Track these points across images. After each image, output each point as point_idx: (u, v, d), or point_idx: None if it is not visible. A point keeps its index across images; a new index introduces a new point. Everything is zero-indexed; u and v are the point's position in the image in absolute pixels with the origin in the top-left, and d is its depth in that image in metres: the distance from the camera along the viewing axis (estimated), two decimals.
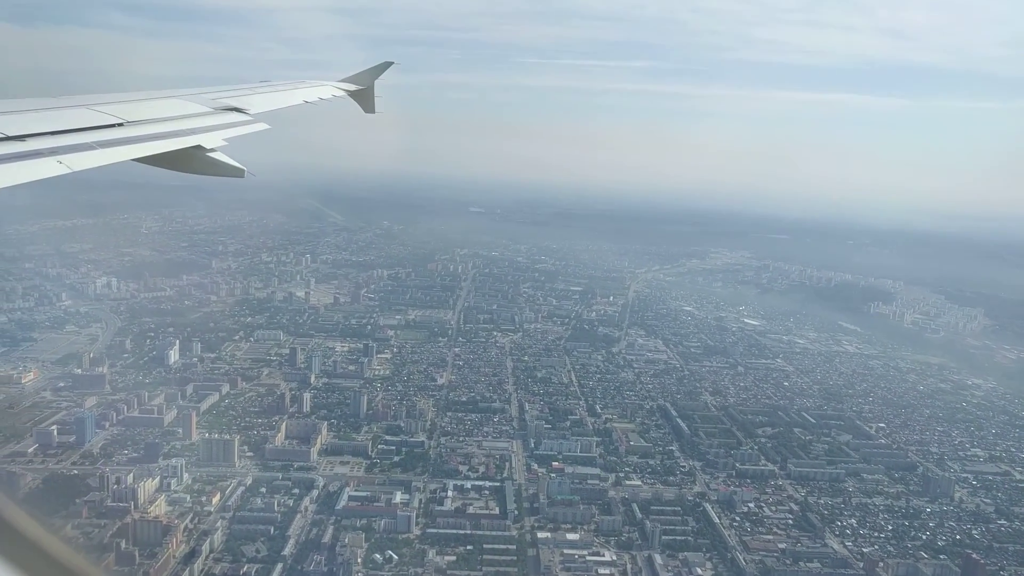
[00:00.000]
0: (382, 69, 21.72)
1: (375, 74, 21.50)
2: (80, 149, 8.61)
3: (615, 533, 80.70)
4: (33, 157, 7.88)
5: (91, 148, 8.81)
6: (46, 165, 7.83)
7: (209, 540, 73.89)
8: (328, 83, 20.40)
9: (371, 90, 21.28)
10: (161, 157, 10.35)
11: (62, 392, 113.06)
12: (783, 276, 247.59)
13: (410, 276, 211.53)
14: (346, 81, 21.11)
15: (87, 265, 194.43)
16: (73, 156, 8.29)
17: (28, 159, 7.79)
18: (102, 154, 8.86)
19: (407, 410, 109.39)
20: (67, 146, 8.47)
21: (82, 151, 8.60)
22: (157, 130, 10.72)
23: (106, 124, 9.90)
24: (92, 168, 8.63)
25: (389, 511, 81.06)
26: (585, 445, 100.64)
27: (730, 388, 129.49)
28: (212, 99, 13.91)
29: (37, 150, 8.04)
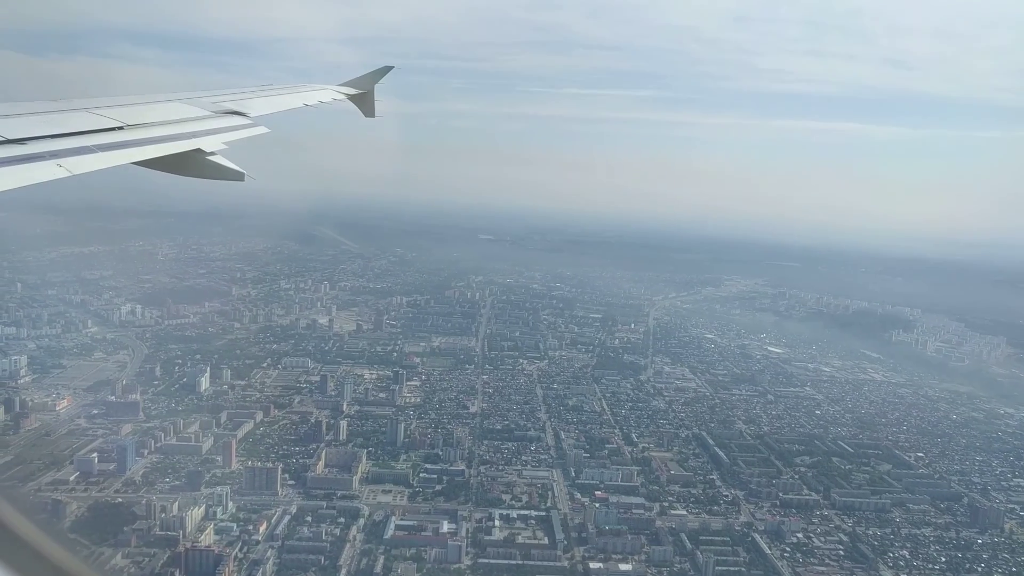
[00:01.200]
0: (382, 73, 21.69)
1: (375, 78, 21.45)
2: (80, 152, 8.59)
3: (666, 564, 79.85)
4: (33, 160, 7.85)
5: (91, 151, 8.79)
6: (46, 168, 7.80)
7: (262, 570, 73.14)
8: (328, 87, 20.35)
9: (371, 94, 21.23)
10: (161, 160, 10.32)
11: (96, 419, 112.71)
12: (800, 304, 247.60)
13: (429, 303, 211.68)
14: (346, 85, 21.03)
15: (109, 292, 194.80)
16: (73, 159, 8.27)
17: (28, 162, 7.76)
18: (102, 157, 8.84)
19: (444, 438, 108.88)
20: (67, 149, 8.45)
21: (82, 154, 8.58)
22: (157, 133, 10.69)
23: (106, 128, 9.84)
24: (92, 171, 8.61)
25: (438, 541, 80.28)
26: (626, 474, 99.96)
27: (762, 416, 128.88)
28: (212, 103, 13.87)
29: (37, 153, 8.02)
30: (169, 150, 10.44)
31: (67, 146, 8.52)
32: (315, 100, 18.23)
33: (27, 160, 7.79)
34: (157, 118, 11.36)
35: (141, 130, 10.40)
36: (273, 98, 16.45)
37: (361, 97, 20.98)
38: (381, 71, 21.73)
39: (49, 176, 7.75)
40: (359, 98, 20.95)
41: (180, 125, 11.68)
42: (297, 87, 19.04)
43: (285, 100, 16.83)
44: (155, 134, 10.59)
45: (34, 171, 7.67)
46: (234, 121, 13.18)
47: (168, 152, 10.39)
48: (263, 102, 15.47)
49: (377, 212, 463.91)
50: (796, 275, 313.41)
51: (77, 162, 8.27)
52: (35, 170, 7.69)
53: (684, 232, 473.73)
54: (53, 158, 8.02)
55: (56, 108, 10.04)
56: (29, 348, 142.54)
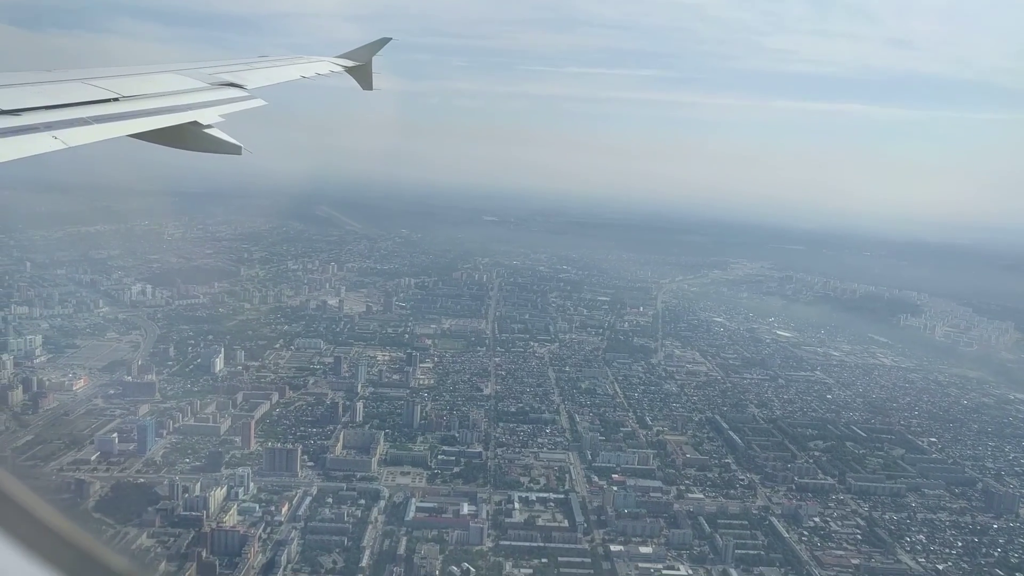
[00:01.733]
0: (380, 45, 21.38)
1: (372, 50, 21.13)
2: (76, 124, 8.42)
3: (686, 547, 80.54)
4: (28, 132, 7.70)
5: (87, 123, 8.62)
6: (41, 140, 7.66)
7: (286, 551, 73.76)
8: (325, 59, 20.04)
9: (368, 66, 20.92)
10: (157, 133, 10.15)
11: (113, 399, 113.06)
12: (807, 287, 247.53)
13: (437, 285, 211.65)
14: (343, 57, 20.72)
15: (118, 272, 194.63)
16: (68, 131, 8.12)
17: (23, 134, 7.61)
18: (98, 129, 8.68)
19: (460, 420, 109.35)
20: (62, 121, 8.28)
21: (77, 126, 8.41)
22: (153, 105, 10.50)
23: (102, 99, 9.65)
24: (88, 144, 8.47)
25: (460, 523, 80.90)
26: (642, 458, 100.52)
27: (775, 400, 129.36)
28: (209, 74, 13.64)
29: (32, 125, 7.86)
30: (165, 122, 10.25)
31: (62, 117, 8.36)
32: (312, 72, 17.98)
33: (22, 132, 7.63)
34: (153, 90, 11.17)
35: (137, 102, 10.20)
36: (270, 70, 16.19)
37: (359, 69, 20.70)
38: (379, 43, 21.42)
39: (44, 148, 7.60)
40: (357, 70, 20.67)
41: (176, 97, 11.47)
42: (294, 59, 18.72)
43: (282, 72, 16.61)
44: (151, 106, 10.40)
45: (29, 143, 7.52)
46: (231, 93, 12.96)
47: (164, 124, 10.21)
48: (260, 74, 15.23)
49: (379, 192, 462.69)
50: (801, 258, 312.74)
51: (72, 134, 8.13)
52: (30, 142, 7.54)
53: (688, 214, 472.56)
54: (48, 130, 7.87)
55: (50, 79, 9.83)
56: (42, 328, 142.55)
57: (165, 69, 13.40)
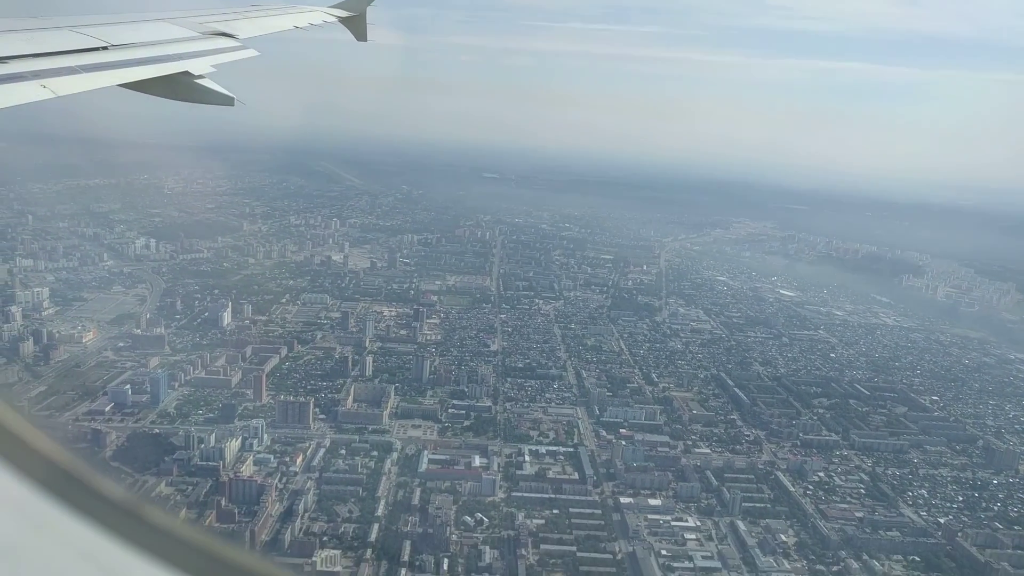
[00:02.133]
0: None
1: (366, 1, 20.72)
2: (64, 73, 8.20)
3: (694, 500, 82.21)
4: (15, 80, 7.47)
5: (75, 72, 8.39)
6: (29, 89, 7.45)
7: (303, 500, 75.13)
8: (319, 9, 19.75)
9: (363, 17, 20.57)
10: (148, 83, 9.95)
11: (123, 352, 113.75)
12: (809, 247, 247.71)
13: (440, 242, 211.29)
14: (337, 7, 20.35)
15: (120, 225, 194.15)
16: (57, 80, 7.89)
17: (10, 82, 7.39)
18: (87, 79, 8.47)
19: (468, 375, 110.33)
20: (50, 69, 8.04)
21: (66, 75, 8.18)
22: (143, 55, 10.26)
23: (91, 47, 9.39)
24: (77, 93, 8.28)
25: (472, 475, 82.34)
26: (649, 413, 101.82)
27: (779, 359, 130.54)
28: (200, 23, 13.41)
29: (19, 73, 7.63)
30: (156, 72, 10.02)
31: (50, 66, 8.13)
32: (305, 22, 17.67)
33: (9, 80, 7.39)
34: (143, 39, 10.94)
35: (126, 51, 9.97)
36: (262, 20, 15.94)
37: (353, 20, 20.34)
38: None
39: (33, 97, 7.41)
40: (351, 21, 20.32)
41: (167, 46, 11.24)
42: (287, 8, 18.42)
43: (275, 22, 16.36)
44: (141, 55, 10.17)
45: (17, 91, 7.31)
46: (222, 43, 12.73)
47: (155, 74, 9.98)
48: (252, 24, 15.00)
49: (377, 148, 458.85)
50: (804, 218, 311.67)
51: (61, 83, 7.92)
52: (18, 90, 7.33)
53: (690, 173, 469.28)
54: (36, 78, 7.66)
55: (37, 26, 9.58)
56: (48, 280, 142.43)
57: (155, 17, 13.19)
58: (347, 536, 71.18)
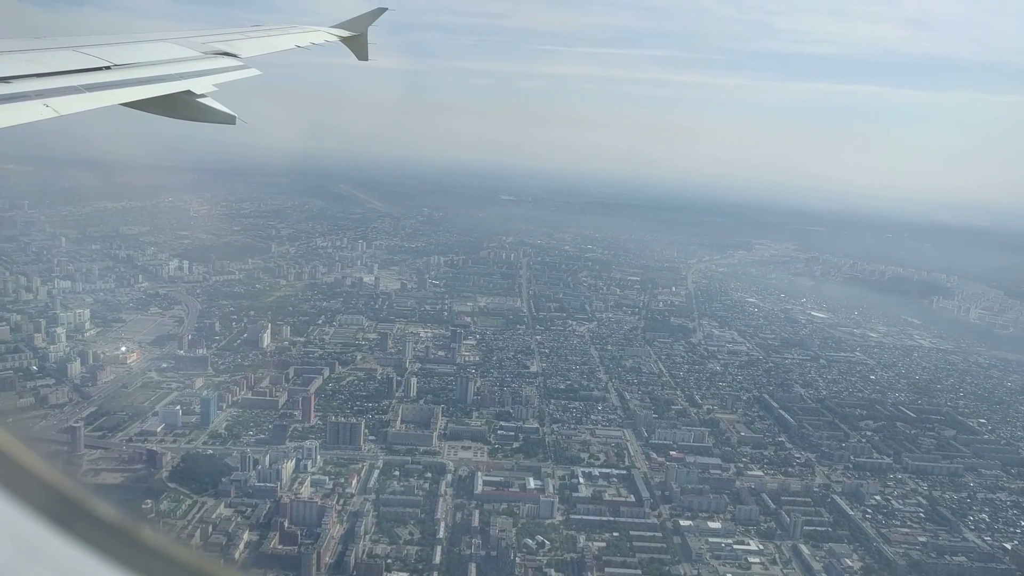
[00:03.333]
0: (375, 16, 21.04)
1: (368, 20, 20.83)
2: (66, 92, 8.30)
3: (753, 522, 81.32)
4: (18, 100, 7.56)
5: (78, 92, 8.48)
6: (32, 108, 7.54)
7: (363, 522, 74.76)
8: (320, 29, 19.82)
9: (364, 37, 20.63)
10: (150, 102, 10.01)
11: (167, 372, 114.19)
12: (834, 269, 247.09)
13: (466, 263, 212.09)
14: (339, 27, 20.45)
15: (151, 247, 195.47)
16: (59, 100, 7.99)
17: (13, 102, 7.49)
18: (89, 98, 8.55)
19: (512, 397, 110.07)
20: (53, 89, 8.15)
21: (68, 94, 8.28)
22: (146, 74, 10.35)
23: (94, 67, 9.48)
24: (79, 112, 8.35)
25: (530, 497, 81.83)
26: (698, 435, 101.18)
27: (819, 380, 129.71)
28: (202, 43, 13.48)
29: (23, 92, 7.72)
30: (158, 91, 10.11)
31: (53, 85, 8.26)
32: (307, 42, 17.79)
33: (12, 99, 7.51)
34: (145, 58, 11.05)
35: (129, 70, 10.06)
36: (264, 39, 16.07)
37: (354, 40, 20.45)
38: (374, 13, 21.11)
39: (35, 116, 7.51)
40: (352, 41, 20.42)
41: (169, 66, 11.34)
42: (288, 28, 18.51)
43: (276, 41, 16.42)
44: (144, 75, 10.28)
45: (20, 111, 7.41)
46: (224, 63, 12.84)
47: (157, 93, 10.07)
48: (254, 43, 15.09)
49: (392, 170, 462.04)
50: (824, 240, 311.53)
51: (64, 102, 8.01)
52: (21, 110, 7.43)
53: (704, 195, 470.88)
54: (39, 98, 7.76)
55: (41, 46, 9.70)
56: (87, 302, 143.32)
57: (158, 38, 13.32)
58: (411, 559, 70.71)
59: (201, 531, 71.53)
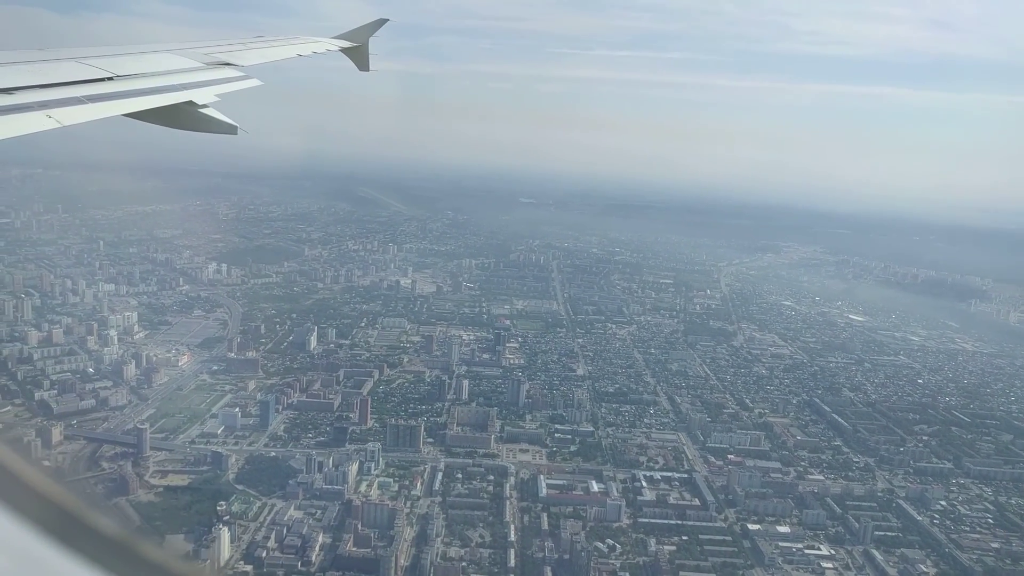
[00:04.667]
0: (376, 26, 21.18)
1: (369, 31, 20.98)
2: (69, 103, 8.41)
3: (820, 527, 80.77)
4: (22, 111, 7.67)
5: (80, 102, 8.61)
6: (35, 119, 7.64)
7: (434, 525, 74.88)
8: (322, 39, 19.98)
9: (365, 48, 20.77)
10: (152, 113, 10.12)
11: (219, 375, 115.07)
12: (866, 271, 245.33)
13: (498, 266, 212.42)
14: (340, 38, 20.64)
15: (187, 251, 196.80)
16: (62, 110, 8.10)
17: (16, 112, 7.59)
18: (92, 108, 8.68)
19: (563, 400, 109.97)
20: (56, 100, 8.26)
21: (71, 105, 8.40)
22: (148, 85, 10.45)
23: (96, 78, 9.61)
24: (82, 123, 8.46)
25: (596, 500, 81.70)
26: (754, 439, 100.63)
27: (866, 384, 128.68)
28: (204, 54, 13.60)
29: (26, 103, 7.84)
30: (160, 102, 10.25)
31: (56, 96, 8.37)
32: (309, 52, 17.94)
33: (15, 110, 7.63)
34: (147, 69, 11.17)
35: (131, 81, 10.21)
36: (266, 50, 16.23)
37: (355, 51, 20.62)
38: (376, 24, 21.28)
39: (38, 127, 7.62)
40: (353, 51, 20.57)
41: (171, 77, 11.48)
42: (290, 39, 18.71)
43: (278, 52, 16.59)
44: (146, 85, 10.39)
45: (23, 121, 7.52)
46: (226, 73, 12.97)
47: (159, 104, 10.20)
48: (256, 54, 15.24)
49: (411, 173, 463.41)
50: (850, 242, 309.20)
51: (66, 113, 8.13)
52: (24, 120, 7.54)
53: (725, 197, 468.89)
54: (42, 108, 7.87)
55: (44, 58, 9.86)
56: (132, 305, 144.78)
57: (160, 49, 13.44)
58: (485, 561, 70.73)
59: (276, 533, 71.86)
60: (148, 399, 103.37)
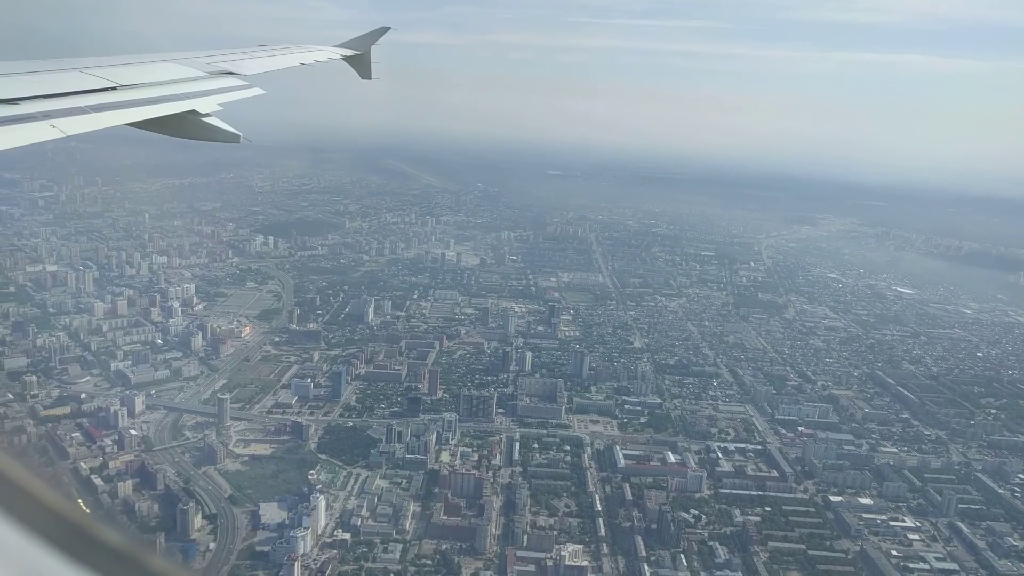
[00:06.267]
0: (379, 35, 21.29)
1: (371, 39, 21.09)
2: (73, 113, 8.53)
3: (901, 499, 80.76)
4: (25, 121, 7.76)
5: (84, 112, 8.72)
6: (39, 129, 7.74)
7: (520, 494, 75.65)
8: (324, 47, 20.10)
9: (367, 55, 20.91)
10: (155, 122, 10.20)
11: (282, 346, 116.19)
12: (907, 244, 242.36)
13: (536, 239, 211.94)
14: (342, 46, 20.75)
15: (230, 223, 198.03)
16: (66, 120, 8.21)
17: (20, 123, 7.68)
18: (95, 118, 8.78)
19: (627, 372, 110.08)
20: (60, 110, 8.35)
21: (75, 115, 8.52)
22: (151, 94, 10.56)
23: (99, 88, 9.72)
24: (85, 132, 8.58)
25: (676, 471, 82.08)
26: (822, 411, 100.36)
27: (925, 357, 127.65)
28: (207, 63, 13.74)
29: (30, 114, 7.93)
30: (163, 111, 10.36)
31: (60, 106, 8.48)
32: (311, 60, 18.08)
33: (20, 120, 7.73)
34: (150, 79, 11.33)
35: (134, 91, 10.33)
36: (268, 59, 16.40)
37: (358, 59, 20.68)
38: (377, 32, 21.36)
39: (42, 137, 7.73)
40: (355, 59, 20.64)
41: (174, 86, 11.64)
42: (292, 48, 18.82)
43: (280, 60, 16.75)
44: (149, 95, 10.51)
45: (27, 132, 7.61)
46: (229, 82, 13.08)
47: (162, 113, 10.32)
48: (258, 62, 15.43)
49: (436, 146, 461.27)
50: (887, 214, 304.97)
51: (70, 123, 8.26)
52: (28, 131, 7.63)
53: (752, 168, 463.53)
54: (46, 118, 7.98)
55: (48, 68, 10.00)
56: (186, 277, 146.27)
57: (163, 58, 13.58)
58: (575, 530, 71.51)
59: (368, 502, 72.96)
60: (218, 370, 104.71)
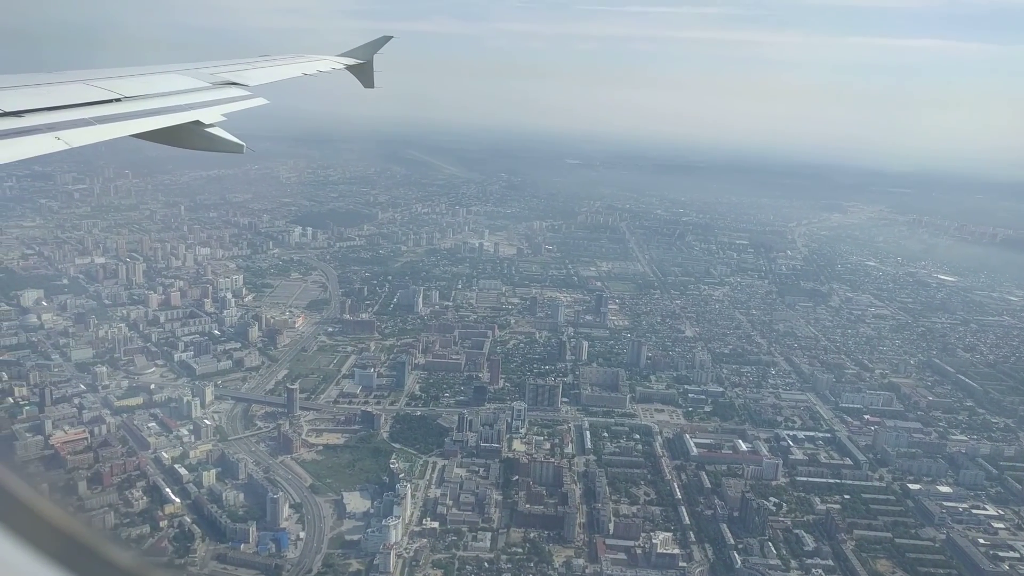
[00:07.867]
0: (380, 44, 21.31)
1: (373, 49, 21.15)
2: (78, 125, 8.59)
3: (979, 487, 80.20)
4: (31, 133, 7.82)
5: (88, 124, 8.79)
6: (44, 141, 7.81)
7: (599, 483, 75.61)
8: (327, 57, 20.19)
9: (370, 64, 20.97)
10: (159, 133, 10.25)
11: (336, 336, 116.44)
12: (941, 231, 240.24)
13: (568, 228, 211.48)
14: (345, 55, 20.83)
15: (265, 215, 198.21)
16: (71, 132, 8.28)
17: (26, 135, 7.74)
18: (100, 130, 8.85)
19: (684, 361, 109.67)
20: (65, 122, 8.42)
21: (80, 127, 8.58)
22: (155, 105, 10.59)
23: (103, 99, 9.76)
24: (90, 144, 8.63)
25: (751, 459, 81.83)
26: (885, 399, 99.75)
27: (979, 345, 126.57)
28: (210, 74, 13.79)
29: (35, 126, 8.00)
30: (167, 122, 10.39)
31: (64, 118, 8.55)
32: (314, 70, 18.19)
33: (25, 133, 7.78)
34: (154, 90, 11.36)
35: (138, 102, 10.36)
36: (271, 69, 16.50)
37: (360, 68, 20.75)
38: (379, 41, 21.41)
39: (47, 149, 7.80)
40: (358, 68, 20.72)
41: (178, 97, 11.67)
42: (295, 57, 18.93)
43: (283, 70, 16.85)
44: (153, 106, 10.54)
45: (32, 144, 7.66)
46: (232, 92, 13.17)
47: (166, 124, 10.34)
48: (261, 73, 15.54)
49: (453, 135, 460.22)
50: (915, 201, 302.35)
51: (75, 134, 8.32)
52: (33, 143, 7.69)
53: (770, 156, 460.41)
54: (51, 130, 8.05)
55: (52, 80, 10.05)
56: (231, 268, 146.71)
57: (167, 69, 13.70)
58: (658, 518, 71.47)
59: (451, 491, 73.10)
60: (277, 360, 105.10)
